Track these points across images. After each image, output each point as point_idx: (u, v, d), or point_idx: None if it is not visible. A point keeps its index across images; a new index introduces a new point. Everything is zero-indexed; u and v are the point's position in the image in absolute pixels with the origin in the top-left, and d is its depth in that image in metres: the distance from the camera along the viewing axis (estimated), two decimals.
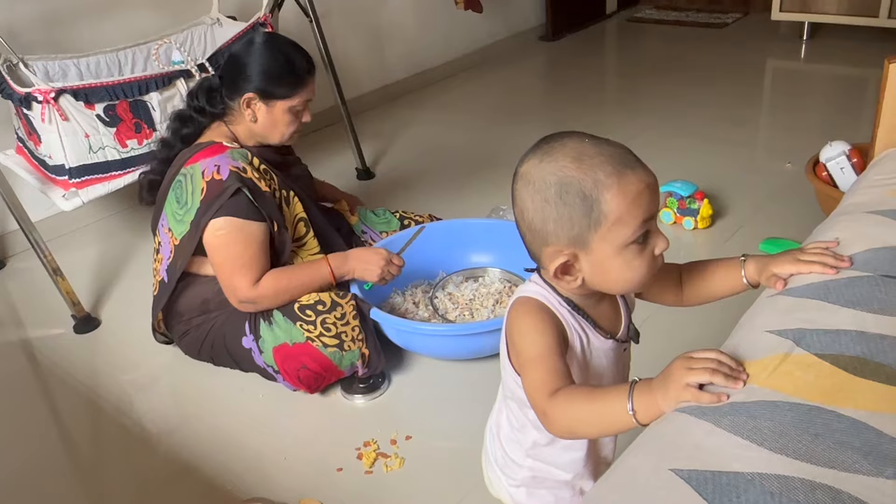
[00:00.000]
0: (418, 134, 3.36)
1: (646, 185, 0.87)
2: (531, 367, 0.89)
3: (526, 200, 0.90)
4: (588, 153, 0.88)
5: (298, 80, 1.74)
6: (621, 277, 0.90)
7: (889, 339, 0.79)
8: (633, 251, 0.88)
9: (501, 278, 2.10)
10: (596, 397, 0.82)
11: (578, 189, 0.86)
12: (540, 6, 4.45)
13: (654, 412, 0.79)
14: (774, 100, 3.52)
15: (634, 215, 0.86)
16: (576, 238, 0.88)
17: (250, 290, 1.69)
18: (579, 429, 0.84)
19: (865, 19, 3.76)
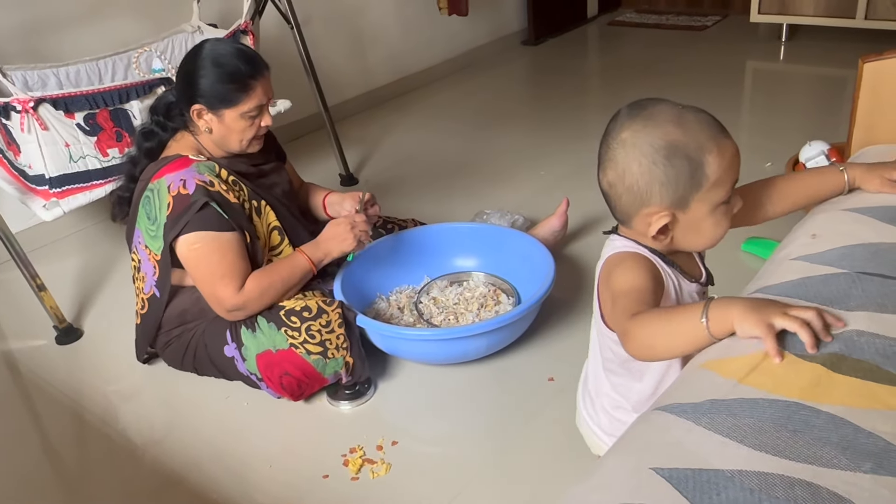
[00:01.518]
0: (402, 139, 3.36)
1: (736, 152, 0.98)
2: (621, 297, 0.96)
3: (631, 164, 0.97)
4: (687, 119, 0.96)
5: (242, 86, 1.70)
6: (711, 235, 0.99)
7: (866, 336, 0.80)
8: (722, 211, 0.98)
9: (486, 282, 2.11)
10: (673, 312, 0.89)
11: (685, 153, 0.94)
12: (522, 10, 4.47)
13: (726, 327, 0.82)
14: (754, 101, 3.55)
15: (729, 177, 0.96)
16: (679, 199, 0.96)
17: (235, 296, 1.68)
18: (656, 343, 0.88)
19: (842, 20, 3.80)
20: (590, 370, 1.22)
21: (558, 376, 1.81)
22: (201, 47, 1.73)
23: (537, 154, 3.06)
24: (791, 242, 1.06)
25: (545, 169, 2.91)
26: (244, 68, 1.70)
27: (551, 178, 2.84)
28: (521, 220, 2.41)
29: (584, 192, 2.58)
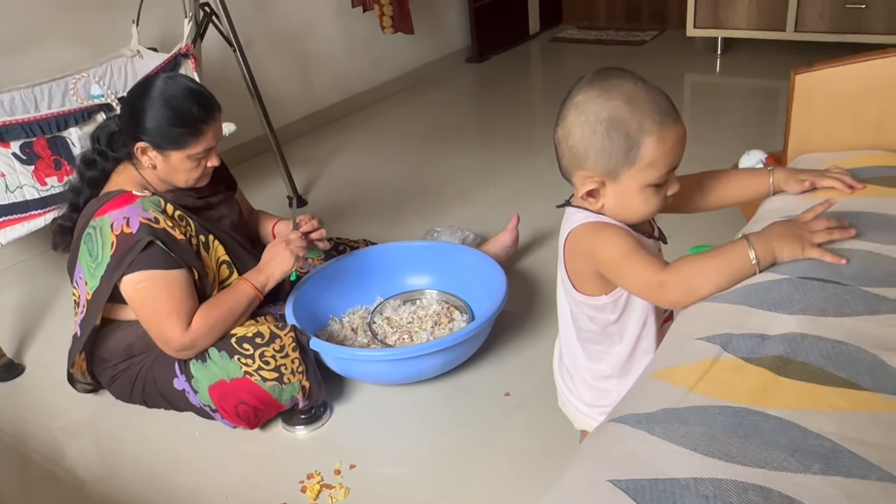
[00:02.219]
0: (350, 159, 3.35)
1: (680, 138, 1.01)
2: (627, 261, 1.00)
3: (575, 127, 1.02)
4: (640, 98, 1.00)
5: (193, 130, 1.65)
6: (638, 210, 1.04)
7: (809, 338, 0.82)
8: (653, 191, 1.02)
9: (439, 300, 2.11)
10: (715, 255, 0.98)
11: (625, 130, 0.98)
12: (465, 28, 4.52)
13: (771, 260, 0.96)
14: (694, 112, 3.64)
15: (665, 162, 1.00)
16: (610, 170, 1.01)
17: (183, 336, 1.64)
18: (701, 283, 0.97)
19: (774, 33, 3.93)
20: (564, 347, 1.26)
21: (514, 391, 1.82)
22: (152, 84, 1.67)
23: (486, 170, 3.08)
24: None
25: (494, 185, 2.93)
26: (197, 112, 1.65)
27: (501, 193, 2.86)
28: (472, 237, 2.42)
29: (534, 206, 2.60)
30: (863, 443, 0.68)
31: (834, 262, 0.94)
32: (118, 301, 1.70)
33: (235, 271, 1.81)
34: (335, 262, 2.07)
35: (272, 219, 2.07)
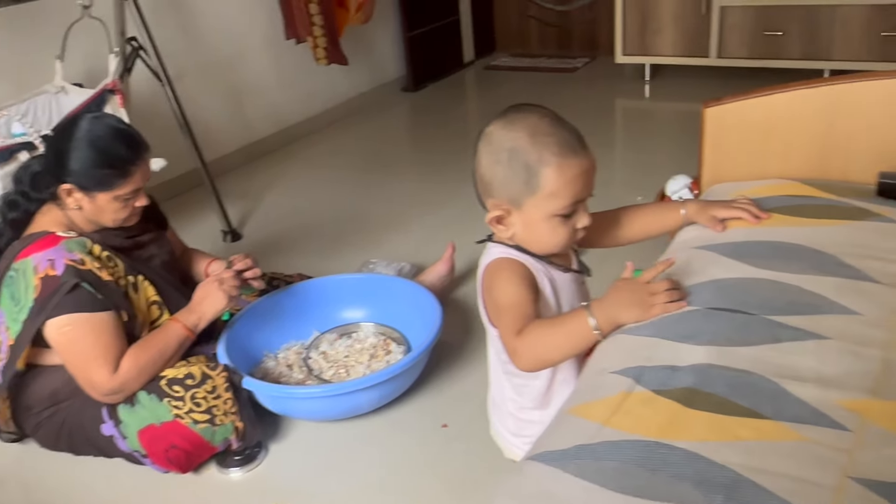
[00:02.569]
0: (286, 191, 3.33)
1: (582, 171, 1.04)
2: (504, 313, 1.03)
3: (482, 156, 1.08)
4: (543, 131, 1.04)
5: (121, 172, 1.63)
6: (545, 240, 1.07)
7: (717, 368, 0.85)
8: (559, 221, 1.05)
9: (375, 332, 2.10)
10: (559, 325, 1.00)
11: (524, 160, 1.02)
12: (399, 57, 4.56)
13: (612, 326, 0.99)
14: (625, 137, 3.74)
15: (567, 193, 1.03)
16: (513, 198, 1.05)
17: (111, 380, 1.60)
18: (547, 355, 1.00)
19: (698, 59, 4.07)
20: (491, 379, 1.28)
21: (452, 422, 1.82)
22: (77, 124, 1.63)
23: (423, 200, 3.10)
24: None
25: (432, 214, 2.95)
26: (124, 153, 1.62)
27: (438, 222, 2.88)
28: (408, 268, 2.43)
29: (471, 235, 2.58)
30: (764, 472, 0.70)
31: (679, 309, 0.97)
32: (42, 345, 1.65)
33: (166, 312, 1.78)
34: (269, 298, 2.05)
35: (205, 258, 2.04)
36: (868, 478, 0.69)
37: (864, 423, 0.76)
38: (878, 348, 0.86)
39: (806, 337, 0.88)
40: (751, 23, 3.88)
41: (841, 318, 0.91)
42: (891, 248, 1.05)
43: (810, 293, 0.96)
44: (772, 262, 1.03)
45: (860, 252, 1.04)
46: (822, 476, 0.69)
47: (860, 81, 1.27)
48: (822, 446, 0.73)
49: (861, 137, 1.30)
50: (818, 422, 0.76)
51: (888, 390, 0.80)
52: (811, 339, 0.88)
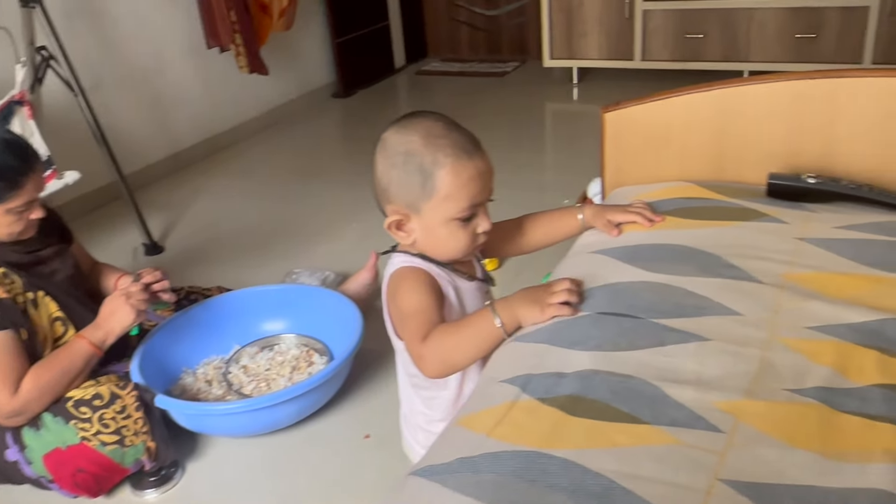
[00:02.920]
0: (212, 202, 3.27)
1: (478, 173, 1.02)
2: (410, 319, 1.02)
3: (378, 162, 1.06)
4: (436, 133, 1.03)
5: (11, 184, 1.57)
6: (446, 246, 1.06)
7: (601, 374, 0.85)
8: (458, 225, 1.03)
9: (297, 343, 2.07)
10: (464, 326, 1.00)
11: (419, 162, 1.01)
12: (329, 63, 4.52)
13: (516, 324, 0.99)
14: (554, 140, 3.78)
15: (463, 196, 1.02)
16: (411, 203, 1.04)
17: (11, 401, 1.53)
18: (453, 357, 0.99)
19: (623, 62, 4.15)
20: (401, 393, 1.27)
21: (375, 432, 1.80)
22: None
23: (351, 206, 3.07)
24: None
25: (358, 220, 2.92)
26: (14, 164, 1.57)
27: (364, 229, 2.85)
28: (333, 277, 2.40)
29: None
30: (637, 478, 0.70)
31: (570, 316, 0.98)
32: None
33: (71, 328, 1.71)
34: (186, 312, 2.00)
35: (115, 272, 1.98)
36: (737, 479, 0.70)
37: (737, 424, 0.77)
38: (757, 348, 0.88)
39: (689, 339, 0.89)
40: (672, 26, 3.97)
41: (723, 318, 0.93)
42: (775, 248, 1.07)
43: (695, 295, 0.97)
44: (661, 264, 1.05)
45: (745, 252, 1.06)
46: (693, 480, 0.70)
47: (749, 85, 1.30)
48: (695, 449, 0.74)
49: (752, 139, 1.33)
50: (694, 425, 0.77)
51: (763, 390, 0.81)
52: (693, 342, 0.89)
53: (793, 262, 1.04)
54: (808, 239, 1.09)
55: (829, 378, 0.82)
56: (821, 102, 1.28)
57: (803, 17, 3.71)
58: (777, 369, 0.84)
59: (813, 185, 1.19)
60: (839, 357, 0.85)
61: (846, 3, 3.61)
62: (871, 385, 0.81)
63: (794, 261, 1.04)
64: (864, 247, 1.06)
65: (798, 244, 1.08)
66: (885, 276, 0.99)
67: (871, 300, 0.94)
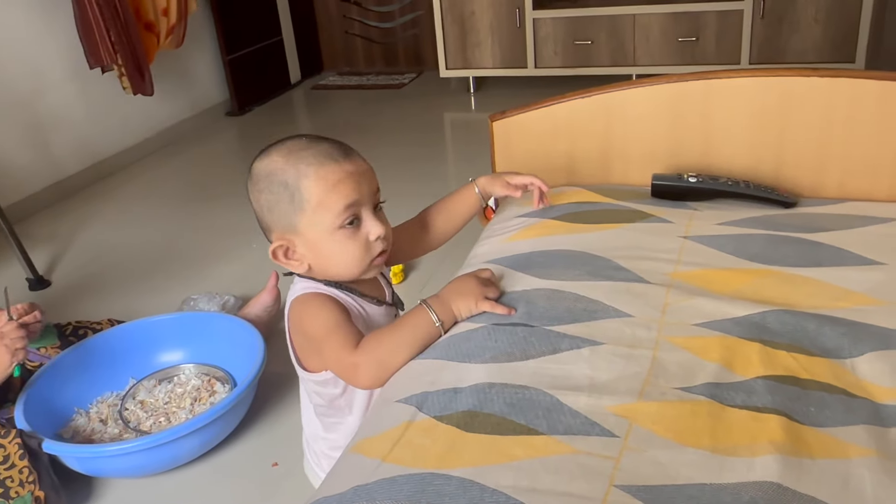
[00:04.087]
0: (101, 230, 3.11)
1: (346, 174, 0.98)
2: (328, 339, 0.96)
3: (251, 194, 1.03)
4: (297, 148, 1.00)
5: None
6: (341, 260, 1.00)
7: (497, 387, 0.84)
8: (345, 234, 0.98)
9: (198, 373, 1.99)
10: (400, 327, 0.97)
11: (282, 179, 0.98)
12: (221, 81, 4.40)
13: (452, 319, 0.98)
14: (454, 150, 3.79)
15: (334, 199, 0.96)
16: (287, 224, 0.99)
17: None
18: (391, 360, 0.95)
19: (518, 70, 4.21)
20: (303, 418, 1.23)
21: (283, 460, 1.75)
22: None
23: (250, 228, 2.94)
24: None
25: (257, 241, 2.84)
26: None
27: (264, 249, 2.77)
28: (232, 301, 2.32)
29: None
30: (534, 491, 0.69)
31: (503, 314, 0.98)
32: None
33: None
34: (75, 349, 1.89)
35: None
36: (632, 483, 0.70)
37: (631, 427, 0.77)
38: (648, 348, 0.89)
39: (582, 344, 0.90)
40: (562, 33, 4.06)
41: (614, 321, 0.94)
42: (661, 248, 1.09)
43: (587, 299, 0.98)
44: (553, 271, 1.05)
45: (634, 254, 1.08)
46: (589, 488, 0.70)
47: (630, 89, 1.33)
48: (591, 456, 0.73)
49: (636, 141, 1.36)
50: (588, 431, 0.76)
51: (654, 391, 0.82)
52: (586, 346, 0.89)
53: (679, 260, 1.06)
54: (692, 237, 1.12)
55: (717, 374, 0.84)
56: (698, 104, 1.32)
57: (684, 22, 3.86)
58: (667, 369, 0.85)
59: (694, 184, 1.22)
60: (726, 352, 0.87)
61: (722, 7, 3.78)
62: (756, 377, 0.83)
63: (680, 259, 1.06)
64: (744, 241, 1.09)
65: (683, 242, 1.11)
66: (765, 269, 1.03)
67: (753, 293, 0.97)
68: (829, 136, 1.26)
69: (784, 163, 1.31)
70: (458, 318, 0.98)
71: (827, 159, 1.28)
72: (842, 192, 1.28)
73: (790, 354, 0.86)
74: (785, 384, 0.82)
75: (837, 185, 1.29)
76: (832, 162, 1.28)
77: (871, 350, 0.86)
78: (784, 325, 0.91)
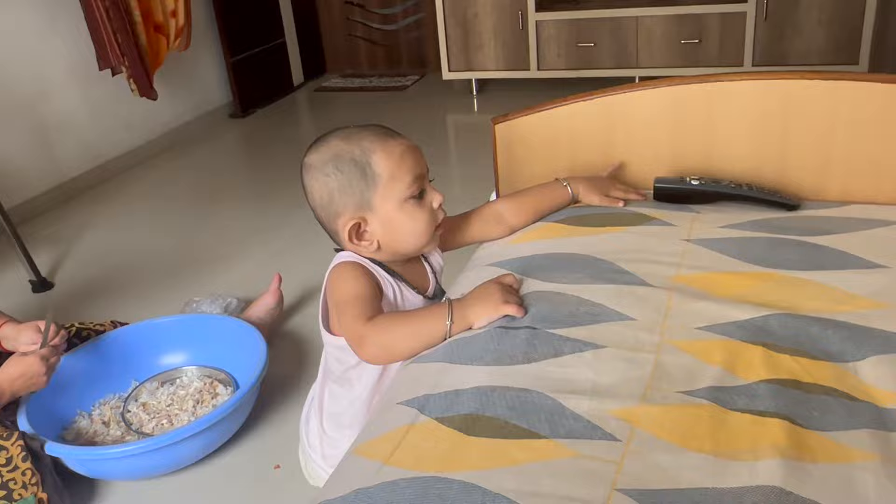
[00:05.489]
0: (104, 232, 3.12)
1: (406, 147, 1.04)
2: (349, 305, 0.99)
3: (312, 184, 1.06)
4: (353, 131, 1.05)
5: None
6: (409, 231, 1.04)
7: (499, 390, 0.84)
8: (412, 205, 1.03)
9: (200, 376, 1.99)
10: (413, 316, 1.00)
11: (350, 158, 1.02)
12: (224, 83, 4.41)
13: (463, 326, 0.97)
14: (458, 152, 3.79)
15: (404, 171, 1.02)
16: (360, 202, 1.03)
17: None
18: (396, 345, 0.97)
19: (520, 72, 4.21)
20: (315, 391, 1.26)
21: (285, 462, 1.74)
22: None
23: (253, 229, 2.99)
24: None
25: (261, 244, 2.85)
26: None
27: (267, 252, 2.78)
28: (235, 303, 2.32)
29: (302, 262, 2.56)
30: (537, 495, 0.69)
31: (520, 317, 0.98)
32: None
33: None
34: (78, 352, 1.90)
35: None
36: (634, 487, 0.70)
37: (633, 431, 0.77)
38: (650, 352, 0.88)
39: (584, 348, 0.89)
40: (565, 35, 4.06)
41: (617, 324, 0.94)
42: (664, 251, 1.09)
43: (589, 302, 0.98)
44: (555, 273, 1.05)
45: (636, 257, 1.07)
46: (592, 492, 0.69)
47: (632, 92, 1.33)
48: (593, 460, 0.73)
49: (638, 144, 1.36)
50: (591, 435, 0.76)
51: (657, 394, 0.81)
52: (589, 350, 0.89)
53: (681, 263, 1.06)
54: (694, 240, 1.12)
55: (719, 377, 0.84)
56: (700, 107, 1.32)
57: (687, 24, 3.86)
58: (669, 372, 0.85)
59: (696, 187, 1.22)
60: (728, 355, 0.87)
61: (725, 9, 3.77)
62: (759, 381, 0.83)
63: (683, 262, 1.06)
64: (746, 244, 1.09)
65: (686, 246, 1.11)
66: (767, 272, 1.03)
67: (755, 297, 0.97)
68: (832, 138, 1.26)
69: (787, 165, 1.30)
70: (472, 324, 0.98)
71: (830, 162, 1.28)
72: (845, 195, 1.27)
73: (793, 358, 0.86)
74: (787, 388, 0.82)
75: (841, 187, 1.28)
76: (835, 165, 1.28)
77: (875, 354, 0.86)
78: (787, 329, 0.90)
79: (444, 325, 0.96)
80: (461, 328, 0.97)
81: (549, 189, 1.27)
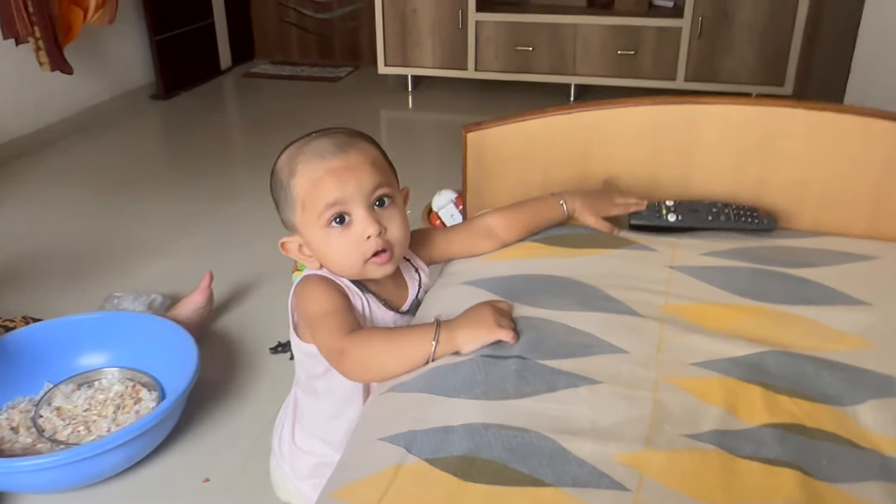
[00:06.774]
0: (12, 216, 2.88)
1: (327, 172, 0.94)
2: (324, 319, 0.94)
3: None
4: (302, 144, 0.98)
5: None
6: (333, 259, 0.98)
7: (493, 428, 0.78)
8: (334, 233, 0.96)
9: (121, 378, 1.85)
10: (396, 334, 0.94)
11: (279, 178, 0.99)
12: (147, 63, 4.17)
13: (449, 349, 0.91)
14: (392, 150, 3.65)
15: (316, 199, 0.94)
16: (290, 223, 1.00)
17: None
18: (374, 364, 0.91)
19: (457, 72, 4.16)
20: (290, 398, 1.20)
21: (214, 474, 1.64)
22: None
23: (178, 219, 2.83)
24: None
25: (188, 235, 2.69)
26: None
27: (195, 244, 2.63)
28: (160, 300, 2.18)
29: (234, 255, 2.44)
30: None
31: (513, 341, 0.92)
32: None
33: None
34: None
35: None
36: None
37: (642, 480, 0.72)
38: (648, 389, 0.84)
39: (580, 382, 0.84)
40: (504, 38, 4.03)
41: (610, 357, 0.89)
42: (649, 278, 1.06)
43: (579, 332, 0.93)
44: (539, 297, 0.99)
45: (621, 283, 1.03)
46: None
47: (611, 108, 1.29)
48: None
49: (615, 162, 1.32)
50: (598, 484, 0.71)
51: (661, 438, 0.77)
52: (584, 385, 0.84)
53: (668, 292, 1.02)
54: (678, 267, 1.09)
55: (721, 419, 0.80)
56: (679, 126, 1.29)
57: (623, 35, 3.90)
58: (671, 412, 0.81)
59: (673, 223, 1.19)
60: (727, 395, 0.84)
61: (662, 23, 3.83)
62: (762, 425, 0.80)
63: (669, 290, 1.03)
64: (731, 275, 1.07)
65: (670, 273, 1.08)
66: (755, 306, 1.00)
67: (746, 332, 0.95)
68: (810, 168, 1.26)
69: (764, 191, 1.30)
70: (460, 347, 0.91)
71: (806, 191, 1.28)
72: (818, 226, 1.27)
73: (792, 400, 0.84)
74: (792, 433, 0.79)
75: (814, 217, 1.28)
76: (811, 194, 1.28)
77: (871, 398, 0.84)
78: (782, 368, 0.88)
79: (429, 346, 0.89)
80: (446, 351, 0.90)
81: (543, 205, 1.20)
